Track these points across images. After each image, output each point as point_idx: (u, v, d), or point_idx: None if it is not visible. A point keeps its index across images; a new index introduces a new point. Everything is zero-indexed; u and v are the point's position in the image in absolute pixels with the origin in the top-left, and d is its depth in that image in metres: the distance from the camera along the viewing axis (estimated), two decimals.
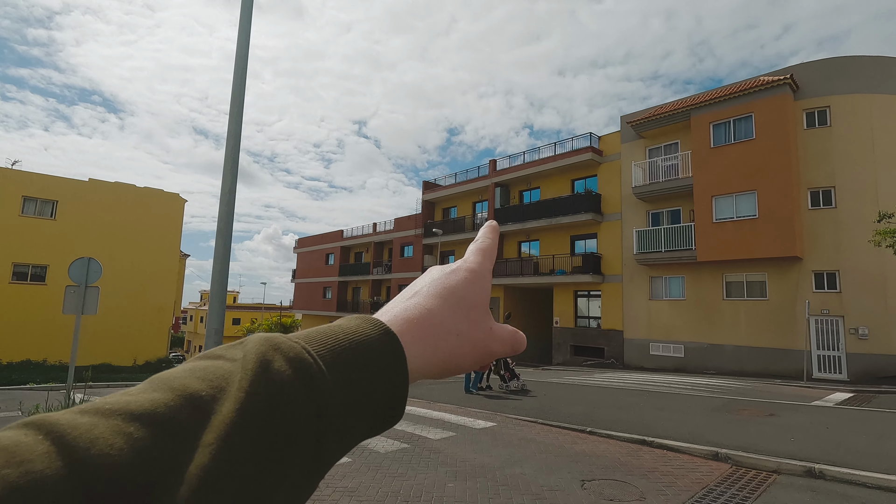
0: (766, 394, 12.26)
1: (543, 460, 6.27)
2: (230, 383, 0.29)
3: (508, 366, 12.75)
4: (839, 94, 16.96)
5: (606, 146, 23.58)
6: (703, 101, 19.15)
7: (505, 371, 12.68)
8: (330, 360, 0.32)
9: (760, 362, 17.38)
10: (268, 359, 0.30)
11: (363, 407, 0.33)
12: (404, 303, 0.40)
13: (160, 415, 0.27)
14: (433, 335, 0.39)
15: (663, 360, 19.95)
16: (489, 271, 0.46)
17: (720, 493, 5.16)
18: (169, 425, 0.27)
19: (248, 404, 0.28)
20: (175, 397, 0.28)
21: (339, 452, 0.32)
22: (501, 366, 12.72)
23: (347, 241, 41.27)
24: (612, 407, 9.79)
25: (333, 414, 0.31)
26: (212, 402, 0.28)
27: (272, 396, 0.29)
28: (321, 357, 0.32)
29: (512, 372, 12.74)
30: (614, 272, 22.28)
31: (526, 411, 9.43)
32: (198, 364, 0.31)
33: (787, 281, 17.21)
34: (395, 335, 0.36)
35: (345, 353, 0.33)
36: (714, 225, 18.38)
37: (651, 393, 12.09)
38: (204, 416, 0.28)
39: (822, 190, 16.96)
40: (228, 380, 0.29)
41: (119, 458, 0.24)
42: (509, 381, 12.59)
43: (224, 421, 0.27)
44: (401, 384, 0.35)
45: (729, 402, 10.62)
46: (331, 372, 0.31)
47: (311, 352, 0.32)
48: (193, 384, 0.29)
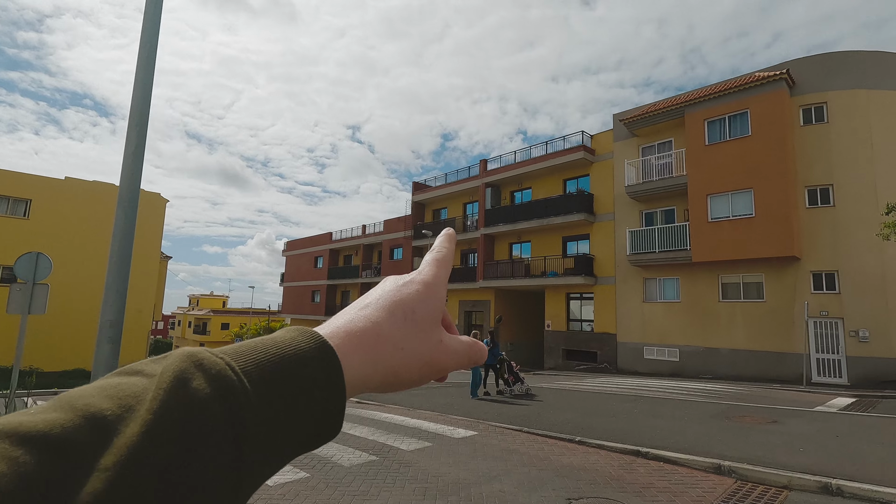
0: (766, 399, 11.66)
1: (526, 475, 5.58)
2: (140, 402, 0.27)
3: (512, 369, 12.29)
4: (836, 90, 16.52)
5: (599, 145, 23.05)
6: (697, 98, 18.67)
7: (508, 375, 12.19)
8: (256, 375, 0.30)
9: (758, 366, 16.81)
10: (185, 376, 0.28)
11: (293, 423, 0.31)
12: (352, 314, 0.39)
13: (54, 437, 0.24)
14: (375, 348, 0.38)
15: (658, 364, 19.34)
16: (444, 283, 0.45)
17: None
18: (63, 448, 0.24)
19: (154, 426, 0.26)
20: (74, 417, 0.26)
21: (268, 471, 0.31)
22: (505, 369, 12.20)
23: (336, 243, 40.50)
24: (603, 414, 9.13)
25: (256, 432, 0.29)
26: (117, 422, 0.26)
27: (184, 417, 0.27)
28: (246, 373, 0.30)
29: (516, 375, 12.22)
30: (607, 274, 21.70)
31: (510, 418, 8.75)
32: (111, 381, 0.29)
33: (784, 282, 16.68)
34: (332, 348, 0.35)
35: (273, 367, 0.31)
36: (709, 224, 17.84)
37: (645, 399, 11.44)
38: (106, 439, 0.25)
39: (820, 188, 16.47)
40: (139, 398, 0.27)
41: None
42: (513, 384, 12.08)
43: (126, 444, 0.25)
44: (335, 398, 0.34)
45: (728, 408, 9.99)
46: (256, 388, 0.30)
47: (236, 367, 0.30)
48: (99, 403, 0.27)
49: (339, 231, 40.68)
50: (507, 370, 12.20)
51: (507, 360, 12.53)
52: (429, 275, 0.45)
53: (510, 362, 12.46)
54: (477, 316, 27.98)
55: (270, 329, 57.29)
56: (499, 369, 12.41)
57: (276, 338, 0.34)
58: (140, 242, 25.23)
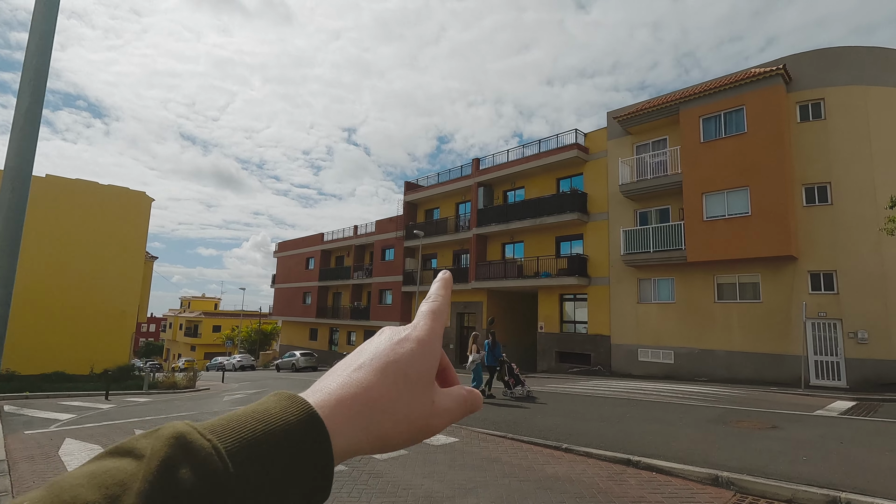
0: (764, 403, 11.21)
1: (506, 487, 5.09)
2: (127, 492, 0.28)
3: (513, 371, 11.89)
4: (834, 86, 16.16)
5: (592, 143, 22.65)
6: (692, 94, 18.28)
7: (509, 377, 11.83)
8: (243, 455, 0.31)
9: (754, 368, 16.39)
10: (171, 463, 0.29)
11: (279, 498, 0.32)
12: (345, 377, 0.40)
13: None
14: (367, 414, 0.38)
15: (652, 366, 18.89)
16: (439, 337, 0.46)
17: None
18: None
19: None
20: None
21: None
22: (505, 371, 11.90)
23: (328, 244, 39.90)
24: (594, 419, 8.64)
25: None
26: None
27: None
28: (232, 454, 0.31)
29: (517, 378, 11.83)
30: (601, 274, 21.26)
31: (496, 423, 8.25)
32: (101, 465, 0.29)
33: (781, 282, 16.28)
34: (320, 420, 0.35)
35: (260, 445, 0.32)
36: (704, 223, 17.44)
37: (639, 402, 10.98)
38: None
39: (818, 186, 16.09)
40: (126, 486, 0.28)
41: None
42: (514, 387, 11.71)
43: None
44: (323, 471, 0.34)
45: (724, 412, 9.53)
46: (242, 469, 0.30)
47: (222, 450, 0.30)
48: (86, 495, 0.27)
49: (330, 232, 40.10)
50: (507, 372, 11.89)
51: (507, 361, 12.19)
52: (423, 330, 0.44)
53: (511, 364, 12.14)
54: (469, 317, 27.49)
55: (263, 331, 56.50)
56: (499, 371, 12.10)
57: (267, 410, 0.34)
58: (124, 242, 24.62)
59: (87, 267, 24.15)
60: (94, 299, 24.23)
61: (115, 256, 25.04)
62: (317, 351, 38.32)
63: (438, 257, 30.49)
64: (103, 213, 25.10)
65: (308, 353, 33.63)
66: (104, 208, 25.22)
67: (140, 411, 12.11)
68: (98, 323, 24.14)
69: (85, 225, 24.46)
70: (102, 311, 24.39)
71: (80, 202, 24.63)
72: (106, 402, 14.80)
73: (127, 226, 25.65)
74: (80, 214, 24.42)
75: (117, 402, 14.83)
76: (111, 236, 25.02)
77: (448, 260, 29.50)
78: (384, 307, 32.47)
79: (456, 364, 26.86)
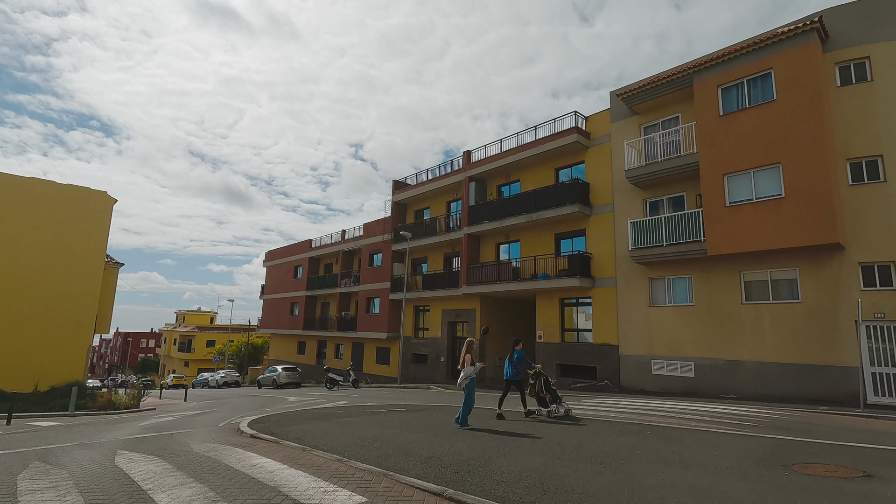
0: (822, 430, 8.39)
1: None
2: None
3: (549, 386, 9.69)
4: (881, 42, 13.49)
5: (594, 127, 20.06)
6: (708, 62, 15.67)
7: (546, 393, 9.63)
8: None
9: (794, 383, 13.49)
10: None
11: None
12: None
13: None
14: None
15: (668, 381, 16.02)
16: None
17: None
18: None
19: None
20: None
21: None
22: (541, 386, 9.68)
23: (316, 250, 37.55)
24: (585, 458, 5.89)
25: None
26: None
27: None
28: None
29: (554, 394, 9.63)
30: (607, 274, 18.51)
31: (443, 467, 5.43)
32: None
33: (825, 277, 13.44)
34: None
35: None
36: (727, 210, 14.69)
37: (653, 429, 8.21)
38: None
39: (866, 160, 13.32)
40: None
41: None
42: (550, 404, 9.53)
43: None
44: None
45: (775, 445, 6.74)
46: None
47: None
48: None
49: (318, 238, 37.76)
50: (543, 387, 9.67)
51: (543, 374, 9.88)
52: None
53: (547, 377, 9.86)
54: (461, 327, 24.74)
55: (254, 345, 54.02)
56: (532, 385, 9.83)
57: None
58: (80, 245, 22.05)
59: (38, 272, 21.89)
60: (45, 308, 21.91)
61: (72, 261, 22.78)
62: (304, 366, 35.68)
63: (428, 262, 27.88)
64: (59, 213, 22.94)
65: (291, 369, 30.96)
66: (60, 209, 23.07)
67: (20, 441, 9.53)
68: (48, 334, 21.77)
69: (38, 226, 22.29)
70: (54, 322, 22.03)
71: (34, 202, 22.51)
72: (6, 426, 12.29)
73: (83, 227, 23.44)
74: (33, 215, 22.28)
75: (19, 426, 12.30)
76: (67, 238, 22.81)
77: (439, 263, 26.88)
78: (371, 317, 29.86)
79: (448, 381, 24.02)
